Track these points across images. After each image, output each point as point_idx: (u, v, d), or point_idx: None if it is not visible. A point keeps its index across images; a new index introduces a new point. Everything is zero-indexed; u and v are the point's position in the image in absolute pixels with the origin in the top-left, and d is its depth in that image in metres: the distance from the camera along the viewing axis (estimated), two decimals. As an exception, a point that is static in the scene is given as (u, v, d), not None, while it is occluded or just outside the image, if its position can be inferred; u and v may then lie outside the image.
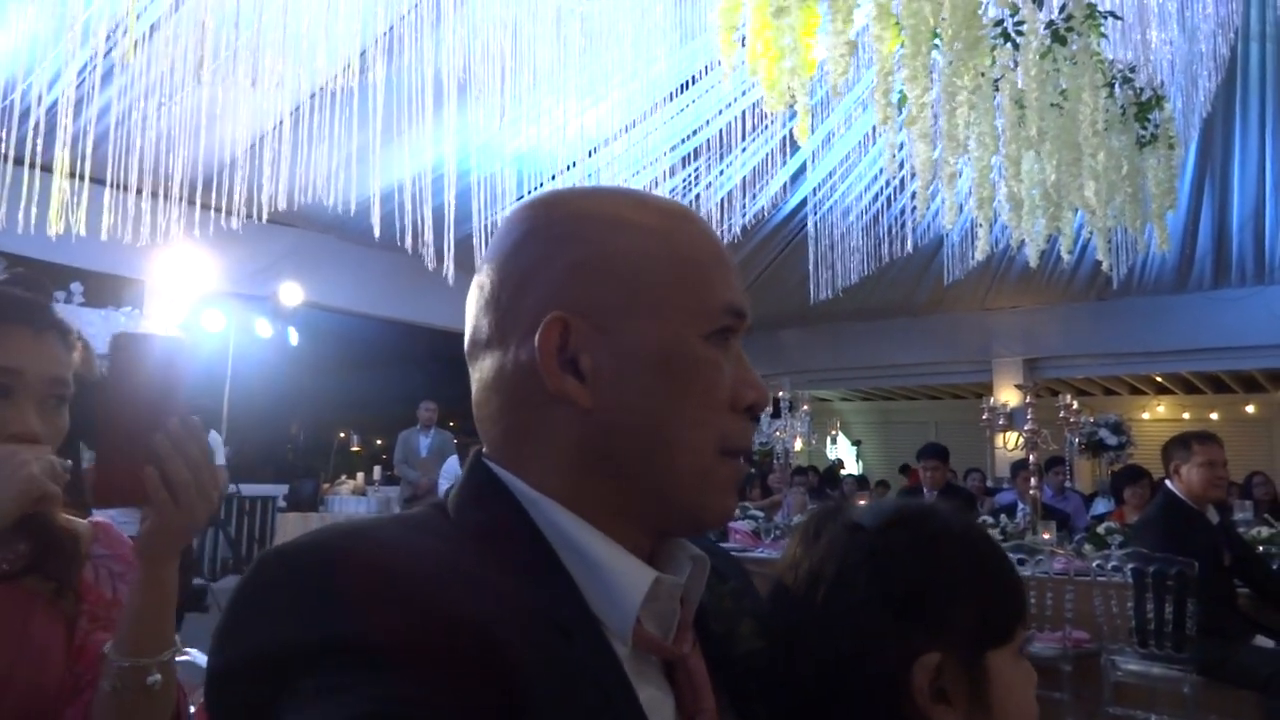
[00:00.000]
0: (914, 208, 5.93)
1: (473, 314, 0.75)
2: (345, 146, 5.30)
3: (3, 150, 4.84)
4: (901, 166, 4.65)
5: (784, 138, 6.09)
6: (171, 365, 0.99)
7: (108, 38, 4.37)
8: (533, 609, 0.63)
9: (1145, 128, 4.61)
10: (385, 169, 5.65)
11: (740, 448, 0.73)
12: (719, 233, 6.61)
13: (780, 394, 8.02)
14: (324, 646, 0.56)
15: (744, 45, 2.99)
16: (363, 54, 4.56)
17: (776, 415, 8.20)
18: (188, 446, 0.98)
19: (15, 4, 4.34)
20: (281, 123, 5.18)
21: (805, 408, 7.96)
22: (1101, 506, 8.09)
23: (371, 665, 0.54)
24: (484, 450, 0.75)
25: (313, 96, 5.06)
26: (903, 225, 6.79)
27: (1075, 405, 6.50)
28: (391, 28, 4.69)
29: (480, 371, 0.74)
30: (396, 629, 0.56)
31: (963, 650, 0.78)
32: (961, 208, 4.80)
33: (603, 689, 0.62)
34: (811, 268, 7.38)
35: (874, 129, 5.61)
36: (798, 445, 8.56)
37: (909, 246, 6.76)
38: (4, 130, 4.80)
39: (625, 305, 0.70)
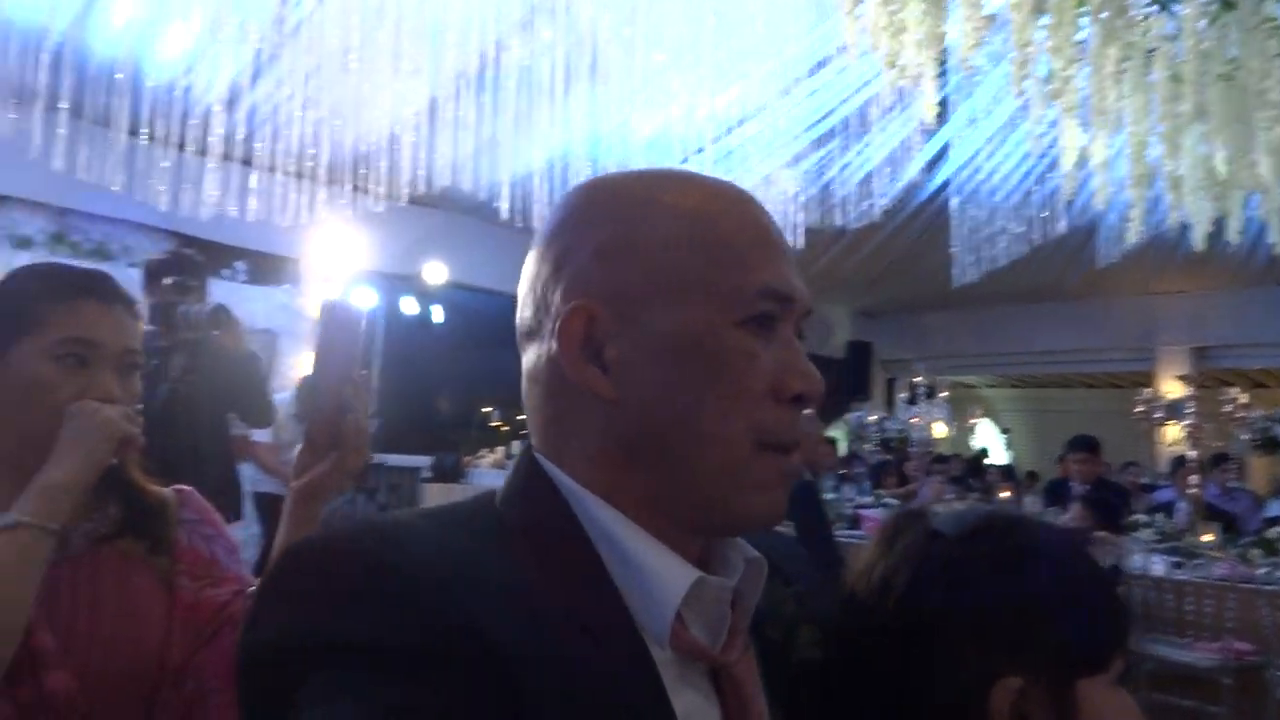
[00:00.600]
0: (1066, 188, 5.61)
1: (520, 302, 0.73)
2: (484, 130, 5.43)
3: (174, 139, 5.19)
4: (1052, 145, 4.40)
5: (921, 120, 5.86)
6: (358, 328, 1.12)
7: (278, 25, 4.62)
8: (561, 611, 0.61)
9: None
10: (520, 153, 5.76)
11: (783, 440, 0.68)
12: (856, 213, 6.49)
13: (916, 380, 7.76)
14: (332, 646, 0.56)
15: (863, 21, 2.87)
16: (497, 42, 4.65)
17: (913, 402, 7.95)
18: (364, 400, 1.11)
19: (180, 5, 4.63)
20: (437, 103, 5.36)
21: (943, 394, 7.68)
22: (1277, 508, 7.48)
23: (377, 669, 0.54)
24: (533, 442, 0.73)
25: (464, 76, 5.21)
26: (1054, 206, 6.41)
27: (1244, 399, 6.03)
28: (530, 9, 4.77)
29: (525, 362, 0.73)
30: (405, 634, 0.56)
31: (1049, 676, 0.72)
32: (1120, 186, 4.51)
33: (626, 694, 0.60)
34: (955, 250, 7.07)
35: (1023, 106, 5.34)
36: (938, 432, 8.29)
37: (1061, 227, 6.38)
38: (174, 120, 5.14)
39: (649, 293, 0.67)
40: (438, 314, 8.90)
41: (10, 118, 5.02)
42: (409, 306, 8.69)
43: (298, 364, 7.95)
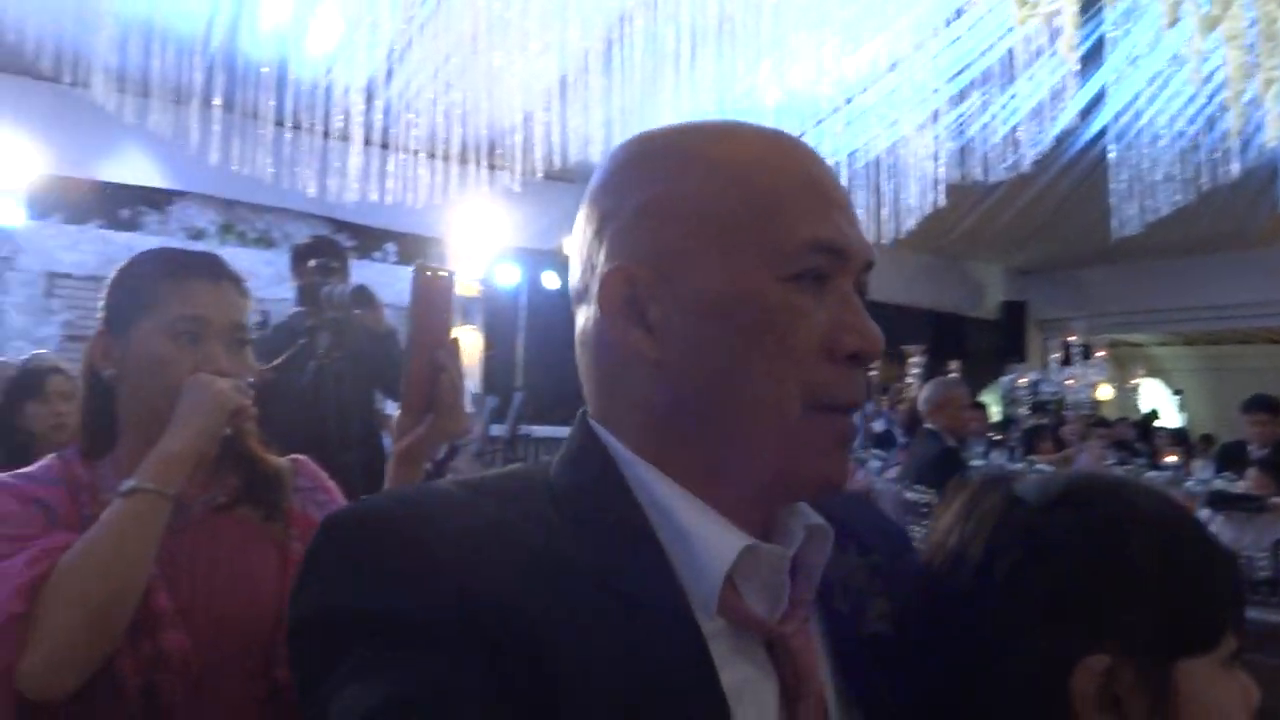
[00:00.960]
0: (1242, 126, 5.15)
1: (570, 266, 0.72)
2: (614, 102, 5.45)
3: (320, 128, 5.46)
4: (1222, 82, 4.04)
5: (1080, 59, 5.50)
6: (449, 294, 1.16)
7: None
8: (602, 579, 0.60)
9: None
10: (649, 123, 5.75)
11: (838, 401, 0.65)
12: (1005, 167, 6.17)
13: (1071, 339, 7.33)
14: (360, 620, 0.57)
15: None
16: (623, 14, 4.65)
17: (1067, 362, 7.52)
18: (458, 363, 1.15)
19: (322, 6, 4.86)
20: (567, 79, 5.43)
21: (1101, 353, 7.22)
22: None
23: (406, 645, 0.55)
24: (589, 408, 0.72)
25: (586, 55, 5.25)
26: (1226, 148, 5.90)
27: None
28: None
29: (577, 325, 0.71)
30: (424, 608, 0.56)
31: (1142, 656, 0.66)
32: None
33: (667, 663, 0.59)
34: (1114, 200, 6.62)
35: (1188, 41, 4.92)
36: (1102, 394, 7.82)
37: (1234, 170, 5.87)
38: (319, 111, 5.40)
39: (690, 250, 0.64)
40: (578, 287, 9.06)
41: (170, 117, 5.38)
42: (550, 281, 8.87)
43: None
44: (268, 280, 7.07)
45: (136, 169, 6.82)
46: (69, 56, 5.08)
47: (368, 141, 5.64)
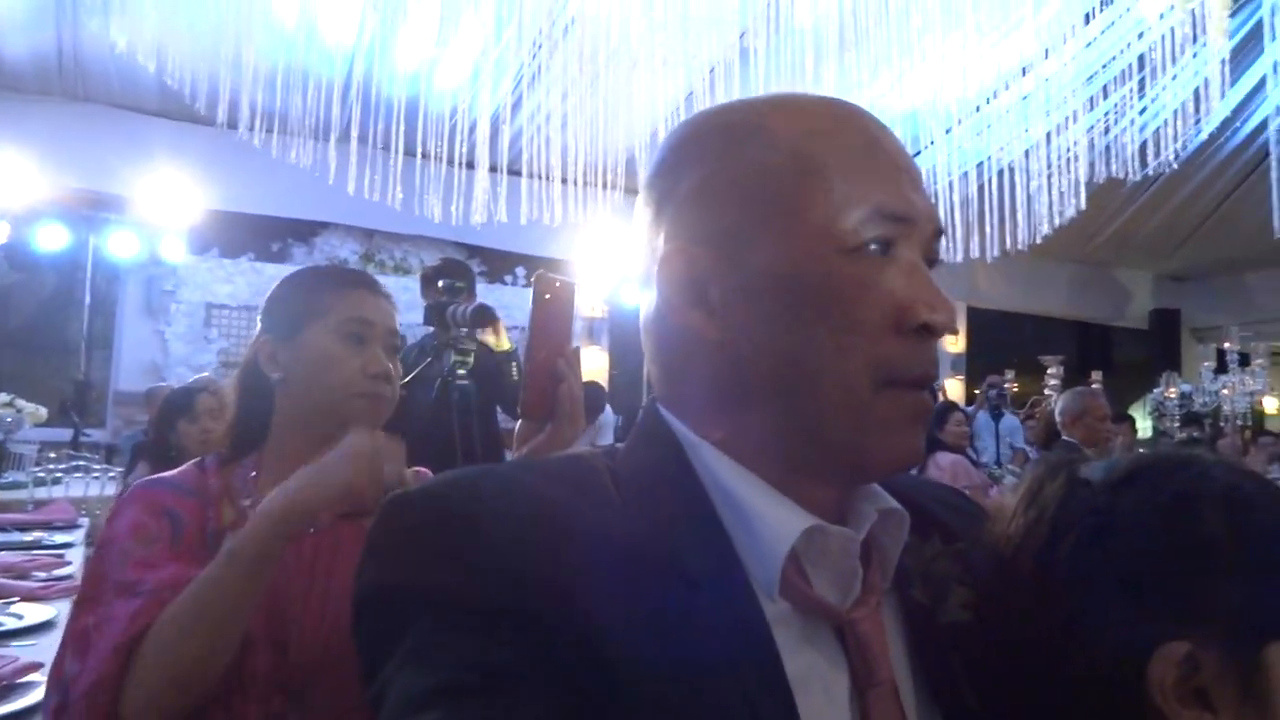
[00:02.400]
0: None
1: (631, 253, 0.71)
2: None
3: (451, 157, 5.67)
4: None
5: (1234, 49, 5.17)
6: (570, 303, 1.17)
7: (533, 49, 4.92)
8: (663, 563, 0.59)
9: None
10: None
11: (911, 375, 0.62)
12: (1145, 170, 5.85)
13: (1227, 345, 6.84)
14: (418, 603, 0.56)
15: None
16: (742, 35, 4.65)
17: (1223, 370, 7.03)
18: (578, 371, 1.16)
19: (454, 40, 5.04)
20: (693, 97, 5.47)
21: (1259, 361, 6.72)
22: None
23: (460, 629, 0.54)
24: (656, 393, 0.71)
25: (711, 72, 5.28)
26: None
27: None
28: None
29: (641, 311, 0.71)
30: (481, 590, 0.55)
31: (1227, 641, 0.60)
32: None
33: (727, 647, 0.57)
34: (1274, 197, 6.17)
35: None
36: (1270, 407, 7.29)
37: None
38: (450, 139, 5.61)
39: (749, 227, 0.62)
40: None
41: (310, 152, 5.70)
42: (567, 277, 8.96)
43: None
44: (405, 306, 7.39)
45: (283, 202, 7.23)
46: (223, 99, 5.45)
47: (494, 168, 5.82)
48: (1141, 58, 5.00)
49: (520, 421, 1.20)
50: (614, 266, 8.13)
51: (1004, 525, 0.71)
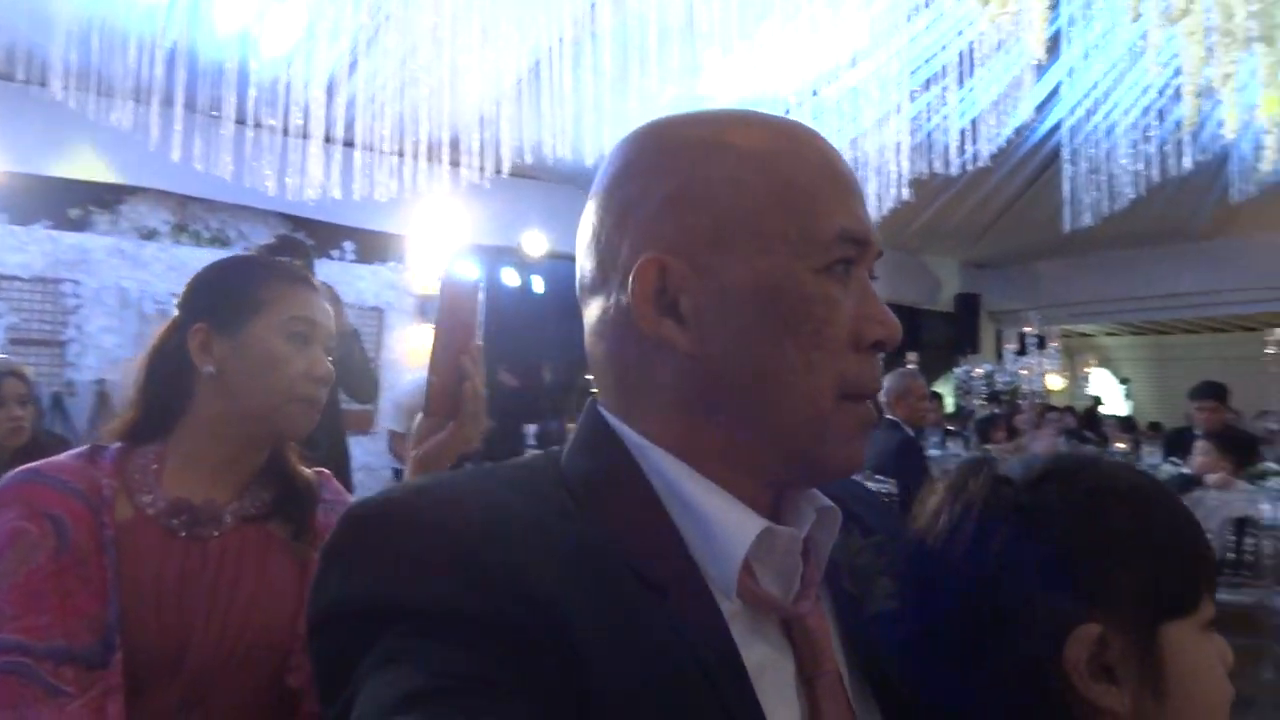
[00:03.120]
0: (1195, 119, 5.27)
1: (579, 255, 0.71)
2: (581, 98, 5.43)
3: (280, 126, 5.37)
4: (1175, 74, 4.14)
5: (1029, 59, 5.59)
6: (475, 300, 1.16)
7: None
8: (626, 566, 0.60)
9: None
10: (616, 119, 5.74)
11: (864, 390, 0.66)
12: (963, 160, 6.25)
13: (1027, 329, 7.48)
14: (388, 610, 0.56)
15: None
16: (592, 6, 4.63)
17: (1022, 352, 7.68)
18: (480, 369, 1.15)
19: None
20: (535, 72, 5.39)
21: (1054, 344, 7.38)
22: None
23: (433, 635, 0.54)
24: (598, 397, 0.72)
25: (557, 45, 5.22)
26: (1179, 140, 6.04)
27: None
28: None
29: (588, 316, 0.71)
30: (455, 596, 0.55)
31: (1130, 622, 0.68)
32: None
33: (694, 648, 0.59)
34: (1068, 193, 6.75)
35: (1143, 36, 5.03)
36: (1054, 384, 7.99)
37: (1186, 163, 6.00)
38: (280, 108, 5.31)
39: (723, 240, 0.64)
40: (538, 284, 9.01)
41: (128, 113, 5.27)
42: (510, 278, 8.82)
43: (405, 339, 8.18)
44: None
45: (83, 165, 6.64)
46: (22, 54, 4.97)
47: (328, 139, 5.55)
48: (961, 55, 5.31)
49: (419, 419, 1.17)
50: (446, 242, 7.96)
51: (931, 520, 0.76)
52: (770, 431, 0.65)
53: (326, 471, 1.40)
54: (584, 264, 0.71)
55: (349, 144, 5.88)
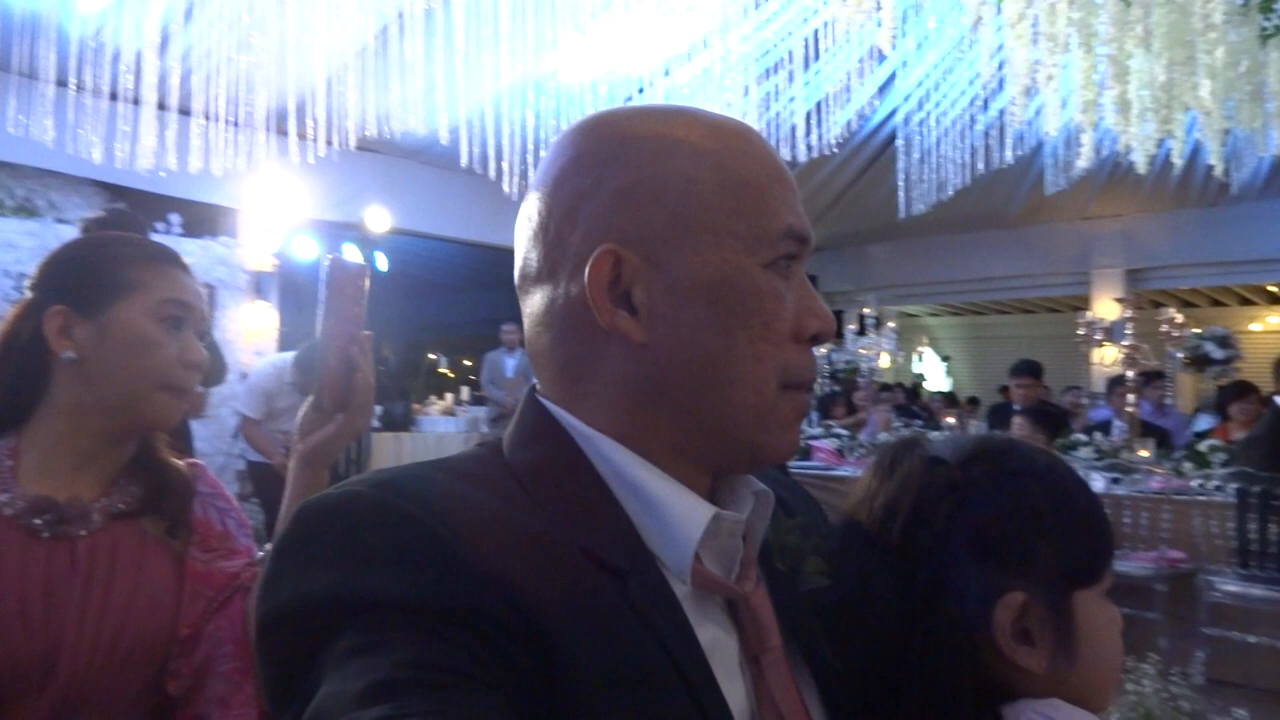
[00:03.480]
0: (1013, 113, 5.65)
1: (522, 245, 0.71)
2: (426, 72, 5.29)
3: (102, 87, 4.97)
4: (1000, 68, 4.41)
5: (873, 46, 5.85)
6: (362, 288, 1.11)
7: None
8: (584, 553, 0.61)
9: (1270, 18, 4.26)
10: (465, 93, 5.62)
11: (803, 380, 0.70)
12: (803, 150, 6.47)
13: (865, 311, 7.86)
14: (354, 603, 0.55)
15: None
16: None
17: (862, 332, 8.07)
18: (370, 359, 1.11)
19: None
20: (382, 42, 5.20)
21: (891, 324, 7.80)
22: (1204, 423, 7.79)
23: (398, 625, 0.53)
24: (538, 387, 0.73)
25: (407, 11, 5.05)
26: (1001, 133, 6.47)
27: (1179, 319, 6.23)
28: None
29: (531, 306, 0.71)
30: (426, 588, 0.55)
31: (1048, 590, 0.74)
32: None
33: (657, 631, 0.61)
34: (902, 180, 7.11)
35: (970, 31, 5.33)
36: (884, 362, 8.44)
37: (1008, 155, 6.44)
38: (104, 70, 4.92)
39: (677, 234, 0.66)
40: (382, 261, 8.75)
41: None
42: (352, 255, 8.54)
43: (238, 318, 7.77)
44: (31, 253, 6.38)
45: None
46: None
47: (162, 106, 5.18)
48: (806, 41, 5.48)
49: (305, 410, 1.11)
50: (283, 217, 7.60)
51: (865, 500, 0.80)
52: (717, 420, 0.67)
53: (200, 463, 1.32)
54: (528, 254, 0.71)
55: (184, 111, 5.51)
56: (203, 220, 7.49)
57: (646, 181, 0.67)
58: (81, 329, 1.15)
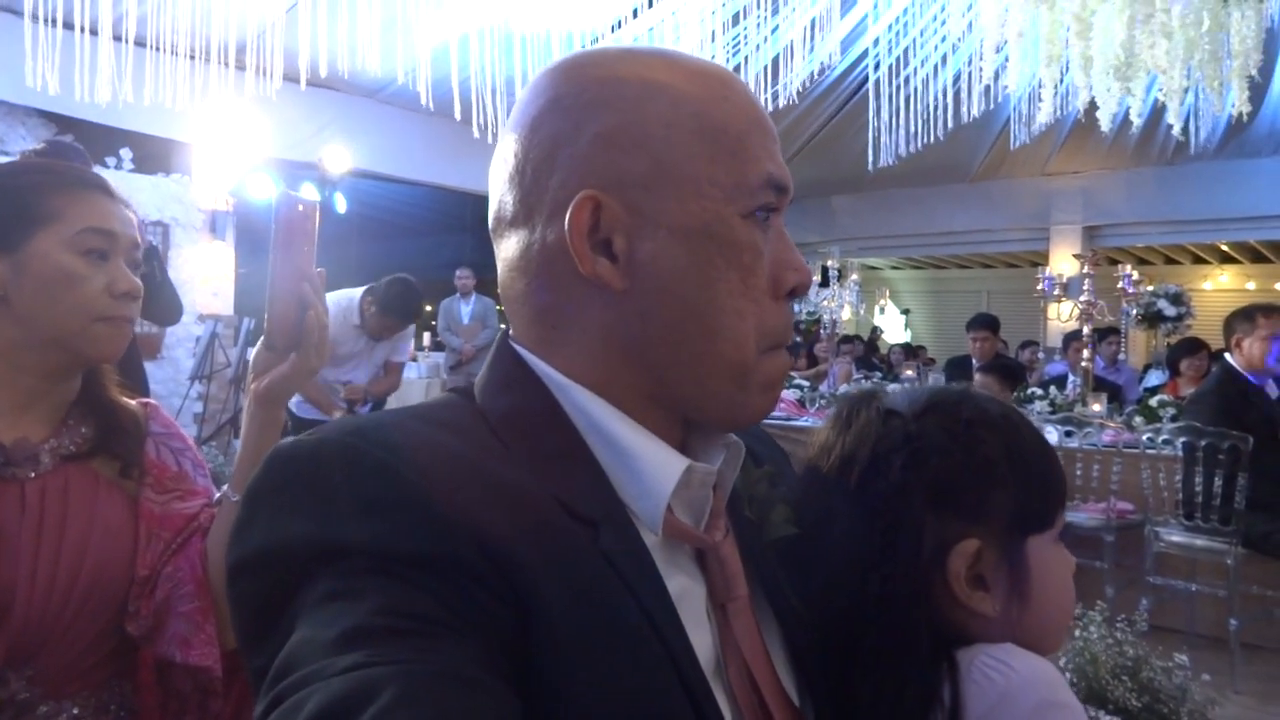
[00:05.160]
0: (981, 68, 5.64)
1: (497, 188, 0.70)
2: (389, 7, 5.15)
3: (51, 14, 4.77)
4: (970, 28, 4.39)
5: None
6: (313, 225, 1.09)
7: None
8: (556, 501, 0.61)
9: (1233, -23, 4.28)
10: (425, 34, 5.48)
11: (782, 340, 0.69)
12: (768, 97, 6.41)
13: (829, 263, 7.89)
14: (326, 550, 0.54)
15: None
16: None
17: (825, 284, 8.11)
18: (323, 296, 1.09)
19: None
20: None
21: (854, 277, 7.84)
22: (1155, 379, 7.98)
23: (372, 572, 0.53)
24: (511, 333, 0.72)
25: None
26: (966, 89, 6.46)
27: (1136, 275, 6.32)
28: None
29: (505, 250, 0.70)
30: (400, 536, 0.54)
31: (1001, 537, 0.77)
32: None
33: (628, 581, 0.61)
34: (871, 133, 7.09)
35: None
36: (845, 315, 8.50)
37: (974, 111, 6.43)
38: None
39: (658, 182, 0.64)
40: (341, 203, 8.58)
41: None
42: (309, 194, 8.36)
43: (193, 258, 7.61)
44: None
45: None
46: None
47: (117, 37, 4.99)
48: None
49: (258, 349, 1.10)
50: (239, 155, 7.41)
51: (825, 451, 0.81)
52: (694, 371, 0.66)
53: (154, 403, 1.29)
54: (503, 197, 0.69)
55: (138, 43, 5.31)
56: (155, 156, 7.29)
57: (627, 127, 0.65)
58: (2, 266, 1.10)
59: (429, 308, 9.18)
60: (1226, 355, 4.42)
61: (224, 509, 1.14)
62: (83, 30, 5.00)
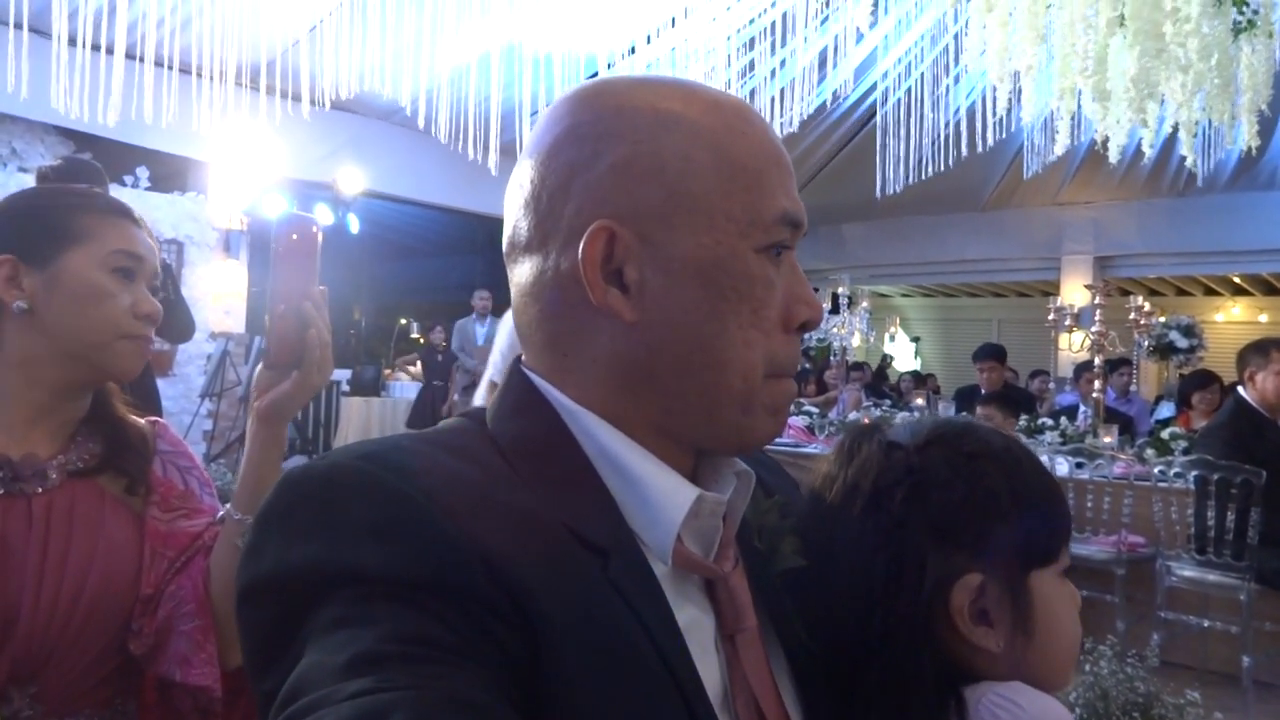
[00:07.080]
0: (993, 99, 5.66)
1: (512, 213, 0.70)
2: (402, 34, 5.20)
3: (77, 36, 4.84)
4: (981, 54, 4.39)
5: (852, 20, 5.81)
6: (315, 244, 1.10)
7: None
8: (566, 528, 0.61)
9: (1243, 13, 4.29)
10: (439, 58, 5.53)
11: (788, 369, 0.69)
12: (779, 125, 6.43)
13: (840, 289, 7.89)
14: (337, 575, 0.54)
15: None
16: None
17: (835, 311, 8.10)
18: (325, 314, 1.10)
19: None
20: (341, 5, 5.10)
21: (864, 304, 7.83)
22: (1167, 411, 7.92)
23: (383, 598, 0.53)
24: (523, 359, 0.72)
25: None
26: (980, 119, 6.47)
27: (1147, 307, 6.30)
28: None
29: (519, 276, 0.70)
30: (411, 561, 0.54)
31: (1004, 571, 0.75)
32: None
33: (637, 610, 0.60)
34: (879, 162, 7.11)
35: (947, 17, 5.32)
36: (855, 341, 8.49)
37: (988, 140, 6.44)
38: (74, 14, 4.79)
39: (672, 214, 0.64)
40: (354, 223, 8.64)
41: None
42: (323, 215, 8.42)
43: (207, 276, 7.66)
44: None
45: None
46: None
47: (130, 56, 5.05)
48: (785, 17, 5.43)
49: (260, 369, 1.10)
50: (254, 175, 7.47)
51: (827, 483, 0.80)
52: (703, 403, 0.66)
53: (162, 421, 1.30)
54: (518, 222, 0.69)
55: (156, 63, 5.37)
56: (171, 175, 7.36)
57: (643, 157, 0.65)
58: (31, 279, 1.13)
59: (440, 328, 9.22)
60: (1240, 388, 4.39)
61: (227, 527, 1.15)
62: (109, 52, 5.06)
